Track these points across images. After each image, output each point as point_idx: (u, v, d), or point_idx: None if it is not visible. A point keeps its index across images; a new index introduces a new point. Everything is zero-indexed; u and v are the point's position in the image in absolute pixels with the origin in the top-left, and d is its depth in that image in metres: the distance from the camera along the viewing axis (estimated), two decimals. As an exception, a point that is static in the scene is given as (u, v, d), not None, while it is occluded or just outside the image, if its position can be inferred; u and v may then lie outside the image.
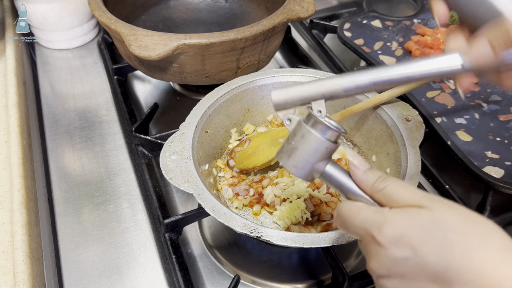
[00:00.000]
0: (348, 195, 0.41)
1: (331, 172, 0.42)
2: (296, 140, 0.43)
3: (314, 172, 0.43)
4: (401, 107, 0.67)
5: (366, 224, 0.36)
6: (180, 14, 1.00)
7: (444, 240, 0.33)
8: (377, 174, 0.39)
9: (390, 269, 0.35)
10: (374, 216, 0.36)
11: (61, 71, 0.96)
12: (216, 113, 0.69)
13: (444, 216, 0.34)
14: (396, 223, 0.35)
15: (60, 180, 0.73)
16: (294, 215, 0.62)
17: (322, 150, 0.42)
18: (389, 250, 0.34)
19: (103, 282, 0.60)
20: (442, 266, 0.32)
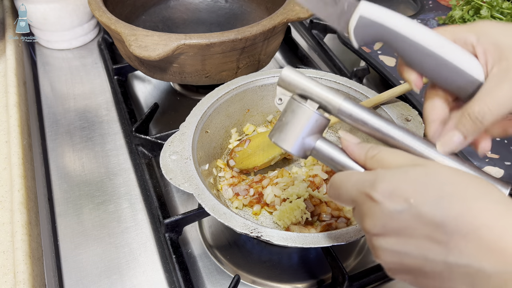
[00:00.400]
0: (340, 168, 0.42)
1: (323, 147, 0.43)
2: (286, 115, 0.44)
3: (306, 146, 0.43)
4: (401, 107, 0.67)
5: (359, 183, 0.36)
6: (180, 14, 1.00)
7: (440, 190, 0.32)
8: (369, 144, 0.40)
9: (385, 225, 0.34)
10: (366, 175, 0.36)
11: (61, 71, 0.96)
12: (216, 113, 0.69)
13: (439, 170, 0.34)
14: (389, 177, 0.34)
15: (60, 180, 0.73)
16: (294, 215, 0.62)
17: (311, 122, 0.43)
18: (383, 204, 0.33)
19: (103, 282, 0.60)
20: (439, 216, 0.31)
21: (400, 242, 0.33)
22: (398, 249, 0.33)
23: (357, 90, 0.71)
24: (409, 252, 0.33)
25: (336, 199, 0.40)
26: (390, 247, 0.34)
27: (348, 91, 0.71)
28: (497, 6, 0.92)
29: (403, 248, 0.33)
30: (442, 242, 0.31)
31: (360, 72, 0.90)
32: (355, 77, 0.90)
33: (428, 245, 0.32)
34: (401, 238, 0.33)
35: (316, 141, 0.43)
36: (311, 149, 0.43)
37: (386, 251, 0.34)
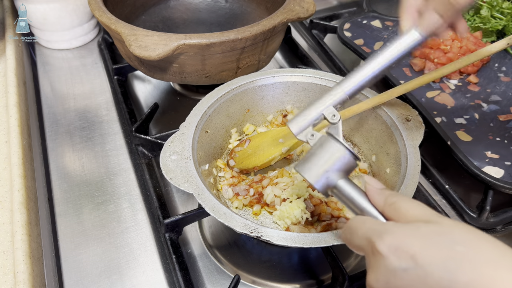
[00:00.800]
0: (358, 211, 0.41)
1: (345, 186, 0.42)
2: (315, 148, 0.45)
3: (328, 182, 0.43)
4: (401, 107, 0.67)
5: (369, 232, 0.35)
6: (180, 14, 1.00)
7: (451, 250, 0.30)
8: (390, 191, 0.39)
9: (388, 282, 0.32)
10: (377, 225, 0.35)
11: (61, 71, 0.96)
12: (216, 113, 0.69)
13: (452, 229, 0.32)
14: (398, 231, 0.33)
15: (60, 180, 0.73)
16: (294, 215, 0.62)
17: (340, 159, 0.43)
18: (388, 259, 0.32)
19: (103, 282, 0.60)
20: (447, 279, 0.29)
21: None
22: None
23: (357, 90, 0.71)
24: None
25: (348, 244, 0.39)
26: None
27: (348, 91, 0.71)
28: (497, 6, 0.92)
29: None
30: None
31: (360, 72, 0.90)
32: (355, 77, 0.90)
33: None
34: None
35: (340, 179, 0.43)
36: (333, 186, 0.43)
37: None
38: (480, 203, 0.66)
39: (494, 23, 0.91)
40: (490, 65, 0.86)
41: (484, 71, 0.85)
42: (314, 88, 0.74)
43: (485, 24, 0.91)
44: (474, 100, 0.78)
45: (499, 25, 0.91)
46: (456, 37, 0.86)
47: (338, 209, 0.64)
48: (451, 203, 0.69)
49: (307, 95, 0.75)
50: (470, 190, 0.72)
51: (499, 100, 0.78)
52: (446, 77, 0.83)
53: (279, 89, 0.75)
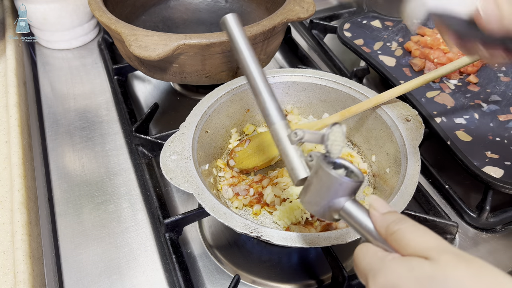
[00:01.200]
0: (367, 237, 0.39)
1: (352, 209, 0.39)
2: (312, 177, 0.42)
3: (333, 209, 0.40)
4: (401, 107, 0.67)
5: (367, 267, 0.34)
6: (180, 14, 1.00)
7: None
8: (394, 216, 0.36)
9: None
10: (375, 261, 0.34)
11: (61, 71, 0.96)
12: (216, 113, 0.69)
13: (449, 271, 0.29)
14: (391, 272, 0.32)
15: (61, 180, 0.73)
16: (294, 215, 0.62)
17: (335, 186, 0.40)
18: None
19: (103, 282, 0.60)
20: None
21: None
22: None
23: (357, 90, 0.71)
24: None
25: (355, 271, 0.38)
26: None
27: (348, 91, 0.71)
28: (497, 6, 0.92)
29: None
30: None
31: (360, 72, 0.90)
32: (355, 77, 0.90)
33: None
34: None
35: (345, 203, 0.40)
36: (339, 210, 0.40)
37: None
38: (480, 203, 0.66)
39: (494, 23, 0.91)
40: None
41: (484, 71, 0.85)
42: (314, 88, 0.74)
43: (485, 24, 0.91)
44: (474, 100, 0.78)
45: (499, 25, 0.91)
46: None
47: (338, 209, 0.64)
48: (451, 203, 0.69)
49: (307, 95, 0.76)
50: (470, 190, 0.72)
51: (499, 100, 0.78)
52: (446, 77, 0.83)
53: (279, 89, 0.75)
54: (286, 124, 0.50)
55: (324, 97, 0.74)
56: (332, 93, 0.73)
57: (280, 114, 0.50)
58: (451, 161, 0.68)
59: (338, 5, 1.23)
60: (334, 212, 0.41)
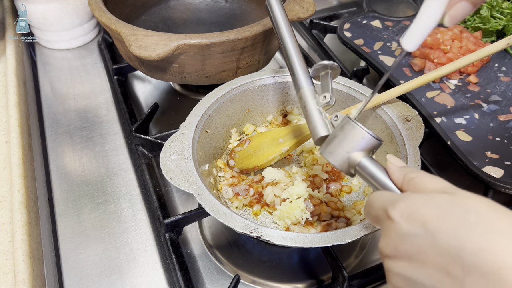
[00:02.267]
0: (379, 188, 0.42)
1: (367, 164, 0.44)
2: (336, 130, 0.47)
3: (350, 162, 0.45)
4: (401, 107, 0.67)
5: (385, 202, 0.36)
6: (180, 14, 1.00)
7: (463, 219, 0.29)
8: (411, 168, 0.40)
9: (397, 247, 0.32)
10: (393, 195, 0.36)
11: (61, 71, 0.96)
12: (216, 113, 0.69)
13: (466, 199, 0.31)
14: (411, 200, 0.33)
15: (60, 180, 0.73)
16: (294, 215, 0.62)
17: (358, 138, 0.45)
18: (398, 224, 0.32)
19: (103, 282, 0.60)
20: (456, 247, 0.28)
21: (411, 268, 0.31)
22: (408, 275, 0.31)
23: (357, 90, 0.71)
24: (420, 281, 0.31)
25: (367, 217, 0.40)
26: (402, 271, 0.32)
27: (348, 91, 0.71)
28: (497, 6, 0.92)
29: (414, 275, 0.31)
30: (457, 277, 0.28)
31: (360, 72, 0.90)
32: (355, 77, 0.90)
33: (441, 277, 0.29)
34: (413, 264, 0.31)
35: (362, 158, 0.44)
36: (356, 165, 0.45)
37: (397, 276, 0.33)
38: (480, 203, 0.66)
39: (494, 23, 0.91)
40: (490, 65, 0.86)
41: (484, 71, 0.85)
42: (314, 88, 0.74)
43: (485, 24, 0.91)
44: (474, 100, 0.78)
45: (499, 25, 0.91)
46: (456, 37, 0.86)
47: (338, 209, 0.64)
48: (451, 203, 0.69)
49: (307, 95, 0.75)
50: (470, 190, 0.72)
51: (499, 100, 0.78)
52: (446, 77, 0.83)
53: (279, 89, 0.75)
54: (313, 90, 0.57)
55: (324, 97, 0.74)
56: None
57: (309, 80, 0.58)
58: (451, 161, 0.68)
59: (338, 5, 1.23)
60: (351, 166, 0.45)
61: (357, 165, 0.45)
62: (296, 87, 0.58)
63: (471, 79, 0.82)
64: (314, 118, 0.54)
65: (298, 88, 0.58)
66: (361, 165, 0.44)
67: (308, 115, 0.55)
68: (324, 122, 0.54)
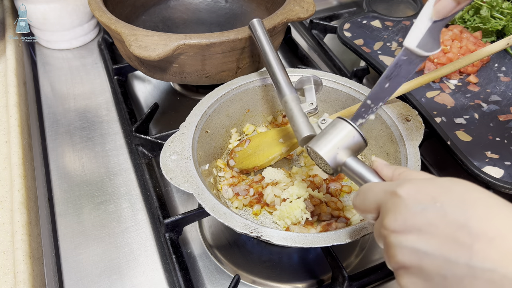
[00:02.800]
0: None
1: (353, 163, 0.46)
2: (327, 128, 0.50)
3: (338, 159, 0.47)
4: (401, 107, 0.67)
5: (386, 186, 0.37)
6: (180, 14, 1.00)
7: (466, 194, 0.32)
8: (394, 166, 0.43)
9: (406, 220, 0.33)
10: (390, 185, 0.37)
11: (61, 71, 0.96)
12: (216, 113, 0.69)
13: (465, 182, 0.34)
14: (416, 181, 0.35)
15: (61, 180, 0.73)
16: (294, 215, 0.62)
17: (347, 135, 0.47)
18: (407, 200, 0.34)
19: (103, 282, 0.60)
20: (464, 216, 0.30)
21: (421, 240, 0.32)
22: (418, 247, 0.32)
23: (357, 90, 0.71)
24: (430, 251, 0.31)
25: (361, 204, 0.40)
26: (410, 244, 0.33)
27: (348, 91, 0.71)
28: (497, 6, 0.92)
29: (424, 246, 0.32)
30: (465, 244, 0.30)
31: (360, 72, 0.90)
32: (355, 77, 0.90)
33: (451, 246, 0.30)
34: (423, 236, 0.32)
35: (349, 157, 0.47)
36: (342, 164, 0.47)
37: (404, 250, 0.33)
38: (480, 203, 0.66)
39: (494, 23, 0.91)
40: (490, 65, 0.86)
41: (484, 71, 0.85)
42: (314, 88, 0.74)
43: (485, 24, 0.91)
44: (474, 100, 0.78)
45: (499, 25, 0.91)
46: (456, 37, 0.86)
47: (338, 209, 0.64)
48: (451, 203, 0.69)
49: (307, 95, 0.76)
50: (470, 190, 0.72)
51: (499, 100, 0.78)
52: (446, 77, 0.83)
53: (279, 89, 0.75)
54: (296, 97, 0.60)
55: (324, 97, 0.74)
56: (332, 93, 0.73)
57: (293, 89, 0.61)
58: (451, 161, 0.68)
59: (338, 5, 1.23)
60: (338, 164, 0.47)
61: (344, 163, 0.47)
62: (280, 95, 0.61)
63: (471, 79, 0.82)
64: (299, 119, 0.56)
65: (282, 95, 0.60)
66: (348, 163, 0.46)
67: (293, 117, 0.57)
68: (309, 124, 0.56)
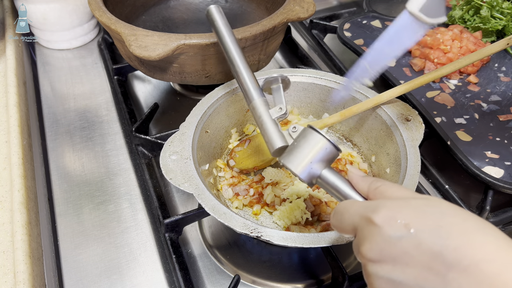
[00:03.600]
0: (343, 198, 0.43)
1: (329, 175, 0.44)
2: (299, 140, 0.47)
3: (312, 173, 0.45)
4: (401, 107, 0.67)
5: (362, 209, 0.36)
6: (180, 14, 1.00)
7: (441, 220, 0.32)
8: (372, 178, 0.41)
9: (382, 250, 0.33)
10: (369, 203, 0.37)
11: (61, 71, 0.96)
12: (216, 113, 0.69)
13: (440, 203, 0.34)
14: (391, 204, 0.34)
15: (60, 180, 0.73)
16: (294, 215, 0.62)
17: (322, 150, 0.45)
18: (383, 228, 0.33)
19: (103, 282, 0.60)
20: (439, 245, 0.30)
21: (396, 270, 0.32)
22: (393, 278, 0.32)
23: (357, 90, 0.71)
24: (405, 281, 0.32)
25: (338, 225, 0.40)
26: (386, 274, 0.33)
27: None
28: (497, 6, 0.92)
29: (399, 276, 0.32)
30: (440, 273, 0.30)
31: (360, 72, 0.90)
32: (355, 77, 0.90)
33: (426, 276, 0.31)
34: (398, 266, 0.32)
35: (323, 170, 0.45)
36: (317, 176, 0.45)
37: (380, 279, 0.33)
38: (480, 203, 0.66)
39: (494, 23, 0.91)
40: (490, 65, 0.86)
41: (484, 71, 0.85)
42: (314, 88, 0.74)
43: (485, 24, 0.91)
44: (474, 100, 0.78)
45: (499, 25, 0.91)
46: (456, 37, 0.86)
47: (338, 209, 0.64)
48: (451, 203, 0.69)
49: (307, 95, 0.76)
50: (470, 190, 0.72)
51: (499, 100, 0.78)
52: (446, 77, 0.83)
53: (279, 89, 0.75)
54: (265, 101, 0.56)
55: (324, 97, 0.74)
56: (332, 93, 0.73)
57: (260, 91, 0.57)
58: (451, 161, 0.68)
59: (338, 5, 1.23)
60: (313, 177, 0.45)
61: (319, 177, 0.45)
62: (247, 99, 0.57)
63: (471, 79, 0.82)
64: (270, 129, 0.54)
65: (249, 100, 0.57)
66: (323, 176, 0.44)
67: (263, 126, 0.55)
68: (281, 133, 0.53)
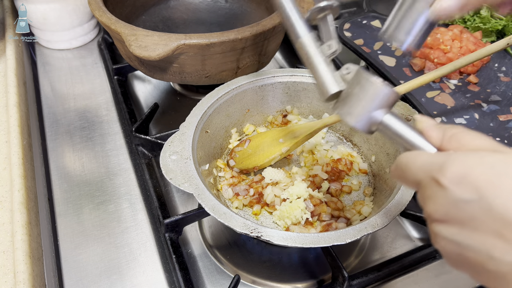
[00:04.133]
0: (408, 147, 0.39)
1: (391, 121, 0.40)
2: (353, 88, 0.42)
3: (372, 121, 0.41)
4: (401, 107, 0.67)
5: (427, 165, 0.33)
6: (180, 14, 1.00)
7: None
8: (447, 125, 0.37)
9: (448, 212, 0.31)
10: (435, 157, 0.33)
11: (61, 71, 0.96)
12: (216, 113, 0.69)
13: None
14: (461, 161, 0.31)
15: (60, 180, 0.73)
16: (294, 215, 0.62)
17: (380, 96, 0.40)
18: (450, 190, 0.30)
19: (103, 282, 0.60)
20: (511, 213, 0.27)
21: (463, 233, 0.30)
22: (459, 240, 0.30)
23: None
24: (472, 246, 0.30)
25: (400, 179, 0.37)
26: (452, 236, 0.31)
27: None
28: (497, 6, 0.92)
29: (466, 240, 0.30)
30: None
31: (360, 72, 0.90)
32: (355, 77, 0.90)
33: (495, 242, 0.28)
34: (465, 230, 0.30)
35: (384, 115, 0.40)
36: (378, 123, 0.41)
37: (445, 240, 0.31)
38: (480, 203, 0.66)
39: (494, 23, 0.91)
40: (490, 65, 0.86)
41: (484, 71, 0.85)
42: (314, 88, 0.74)
43: (485, 24, 0.91)
44: (474, 100, 0.78)
45: (499, 25, 0.91)
46: (456, 37, 0.86)
47: (338, 209, 0.64)
48: (451, 203, 0.69)
49: (307, 95, 0.76)
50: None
51: (499, 100, 0.78)
52: (446, 77, 0.83)
53: (279, 89, 0.75)
54: (314, 36, 0.49)
55: (324, 97, 0.74)
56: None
57: (307, 27, 0.49)
58: (451, 161, 0.68)
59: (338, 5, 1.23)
60: (373, 125, 0.41)
61: (380, 123, 0.40)
62: (293, 36, 0.50)
63: (471, 79, 0.82)
64: (322, 72, 0.47)
65: (296, 36, 0.49)
66: (385, 123, 0.40)
67: (314, 68, 0.48)
68: (333, 77, 0.47)
